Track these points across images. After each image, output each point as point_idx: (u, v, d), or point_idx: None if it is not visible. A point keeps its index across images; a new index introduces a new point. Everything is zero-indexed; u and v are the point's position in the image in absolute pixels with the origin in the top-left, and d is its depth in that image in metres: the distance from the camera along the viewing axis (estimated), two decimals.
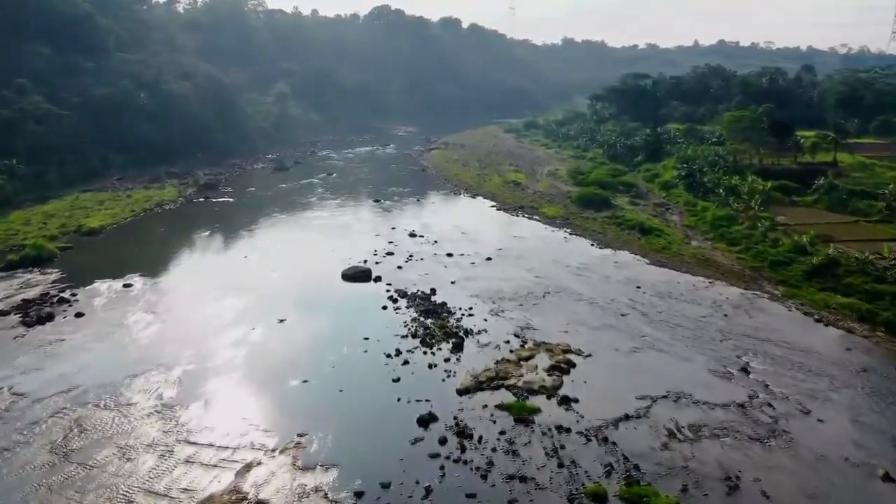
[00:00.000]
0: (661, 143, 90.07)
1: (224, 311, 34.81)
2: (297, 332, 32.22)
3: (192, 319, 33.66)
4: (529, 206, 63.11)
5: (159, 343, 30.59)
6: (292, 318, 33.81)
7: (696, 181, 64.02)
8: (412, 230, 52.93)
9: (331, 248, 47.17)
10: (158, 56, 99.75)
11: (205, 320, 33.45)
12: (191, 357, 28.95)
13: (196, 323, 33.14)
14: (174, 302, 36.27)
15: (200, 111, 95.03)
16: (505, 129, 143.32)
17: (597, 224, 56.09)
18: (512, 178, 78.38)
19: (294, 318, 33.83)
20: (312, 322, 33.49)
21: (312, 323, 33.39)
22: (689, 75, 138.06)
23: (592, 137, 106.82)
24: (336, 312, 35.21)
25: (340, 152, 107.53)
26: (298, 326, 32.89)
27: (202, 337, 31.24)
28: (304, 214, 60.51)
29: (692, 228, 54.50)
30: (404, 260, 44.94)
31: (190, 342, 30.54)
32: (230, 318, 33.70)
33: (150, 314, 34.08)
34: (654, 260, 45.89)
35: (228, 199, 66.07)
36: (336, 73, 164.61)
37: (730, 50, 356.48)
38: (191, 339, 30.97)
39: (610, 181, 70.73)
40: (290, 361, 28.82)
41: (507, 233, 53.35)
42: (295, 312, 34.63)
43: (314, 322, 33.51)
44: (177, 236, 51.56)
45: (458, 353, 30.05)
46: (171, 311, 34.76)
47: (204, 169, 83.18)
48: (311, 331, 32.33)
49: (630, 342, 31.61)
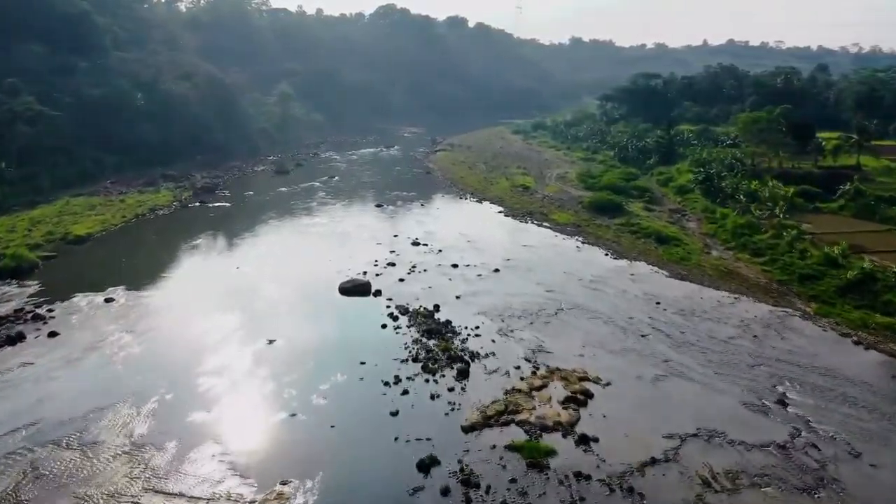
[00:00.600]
0: (675, 146, 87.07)
1: (210, 330, 32.10)
2: (288, 355, 29.48)
3: (174, 341, 30.96)
4: (539, 212, 60.23)
5: (136, 369, 27.89)
6: (283, 339, 31.07)
7: (714, 186, 60.96)
8: (415, 238, 50.15)
9: (329, 258, 44.44)
10: (158, 55, 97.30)
11: (188, 342, 30.73)
12: (169, 385, 26.24)
13: (178, 345, 30.44)
14: (157, 320, 33.58)
15: (200, 112, 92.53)
16: (512, 130, 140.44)
17: (610, 232, 53.16)
18: (520, 181, 75.53)
19: (285, 339, 31.08)
20: (305, 343, 30.72)
21: (305, 344, 30.62)
22: (702, 75, 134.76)
23: (602, 139, 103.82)
24: (331, 332, 32.45)
25: (343, 154, 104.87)
26: (289, 349, 30.14)
27: (183, 361, 28.52)
28: (302, 220, 57.80)
29: (711, 237, 51.52)
30: (406, 271, 42.16)
31: (169, 368, 27.84)
32: (216, 339, 30.98)
33: (130, 334, 31.39)
34: (673, 272, 42.95)
35: (225, 204, 63.43)
36: (340, 73, 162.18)
37: (739, 49, 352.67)
38: (170, 364, 28.28)
39: (622, 185, 67.79)
40: (278, 391, 26.09)
41: (515, 241, 50.51)
42: (286, 332, 31.89)
43: (307, 343, 30.74)
44: (167, 245, 48.90)
45: (463, 380, 27.26)
46: (153, 330, 32.07)
47: (202, 171, 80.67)
48: (302, 354, 29.57)
49: (653, 368, 28.73)
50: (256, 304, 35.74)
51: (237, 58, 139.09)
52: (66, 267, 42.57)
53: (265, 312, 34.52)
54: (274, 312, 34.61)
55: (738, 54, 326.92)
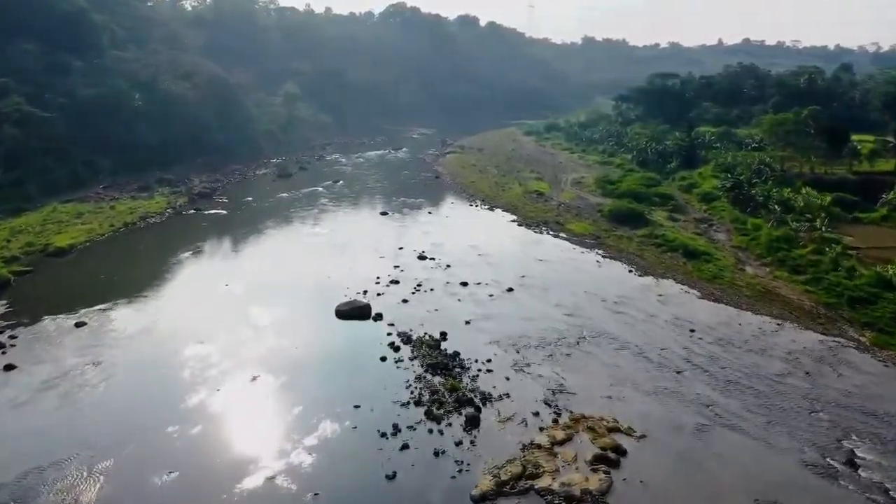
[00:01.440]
0: (696, 148, 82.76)
1: (187, 362, 28.41)
2: (271, 396, 25.74)
3: (145, 377, 27.26)
4: (554, 222, 56.21)
5: (95, 413, 24.24)
6: (268, 375, 27.33)
7: (744, 194, 56.63)
8: (422, 251, 46.29)
9: (327, 275, 40.70)
10: (158, 54, 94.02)
11: (160, 378, 27.05)
12: (130, 436, 22.54)
13: (148, 382, 26.74)
14: (129, 349, 29.92)
15: (201, 112, 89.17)
16: (524, 131, 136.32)
17: (633, 244, 49.08)
18: (533, 187, 71.52)
19: (270, 375, 27.34)
20: (292, 381, 26.96)
21: (292, 382, 26.86)
22: (721, 75, 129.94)
23: (619, 141, 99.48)
24: (323, 366, 28.66)
25: (349, 156, 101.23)
26: (274, 388, 26.40)
27: (151, 405, 24.84)
28: (302, 230, 54.09)
29: (744, 250, 47.31)
30: (411, 290, 38.32)
31: (134, 413, 24.16)
32: (192, 375, 27.29)
33: (95, 367, 27.73)
34: (705, 292, 38.85)
35: (221, 212, 59.88)
36: (348, 73, 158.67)
37: (755, 49, 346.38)
38: (136, 407, 24.60)
39: (644, 192, 63.55)
40: (255, 445, 22.30)
41: (530, 255, 46.57)
42: (273, 365, 28.16)
43: (294, 381, 26.98)
44: (153, 259, 45.31)
45: (473, 430, 23.39)
46: (122, 363, 28.39)
47: (202, 175, 77.29)
48: (288, 394, 25.81)
49: (693, 415, 24.74)
50: (242, 330, 32.01)
51: (243, 57, 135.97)
52: (40, 284, 39.09)
53: (251, 341, 30.80)
54: (261, 341, 30.89)
55: (753, 54, 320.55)
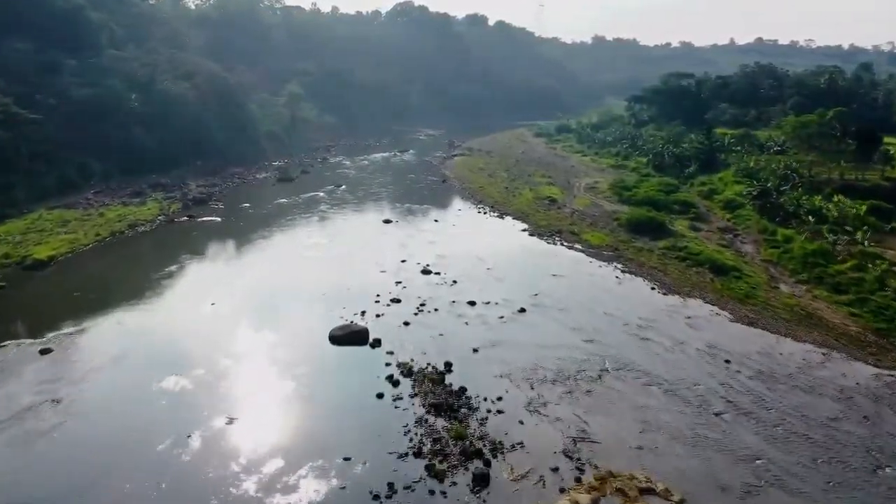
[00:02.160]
0: (715, 152, 79.00)
1: (157, 401, 25.12)
2: (249, 444, 22.36)
3: (106, 419, 23.92)
4: (568, 231, 52.68)
5: (44, 464, 20.97)
6: (247, 416, 24.02)
7: (773, 202, 52.88)
8: (426, 265, 42.88)
9: (322, 292, 37.39)
10: (157, 53, 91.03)
11: (123, 421, 23.72)
12: (77, 497, 19.26)
13: (109, 426, 23.42)
14: (95, 384, 26.63)
15: (201, 114, 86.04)
16: (534, 132, 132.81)
17: (654, 257, 45.49)
18: (545, 192, 67.95)
19: (250, 416, 24.02)
20: (275, 424, 23.62)
21: (274, 426, 23.52)
22: (737, 75, 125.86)
23: (633, 144, 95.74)
24: (312, 405, 25.29)
25: (354, 159, 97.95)
26: (253, 433, 23.03)
27: (107, 455, 21.51)
28: (299, 240, 50.74)
29: (775, 265, 43.67)
30: (413, 311, 34.94)
31: (86, 466, 20.89)
32: (161, 417, 23.96)
33: (53, 406, 24.46)
34: (738, 314, 35.25)
35: (216, 219, 56.65)
36: (355, 73, 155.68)
37: (768, 48, 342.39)
38: (89, 459, 21.31)
39: (662, 199, 59.90)
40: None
41: (543, 269, 43.07)
42: (254, 405, 24.86)
43: (277, 424, 23.64)
44: (137, 273, 42.07)
45: (481, 491, 19.99)
46: (84, 401, 25.11)
47: (199, 179, 74.27)
48: (268, 442, 22.44)
49: (738, 470, 21.22)
50: (224, 360, 28.66)
51: (247, 57, 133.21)
52: (11, 301, 35.94)
53: (232, 374, 27.48)
54: (244, 373, 27.59)
55: (766, 53, 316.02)
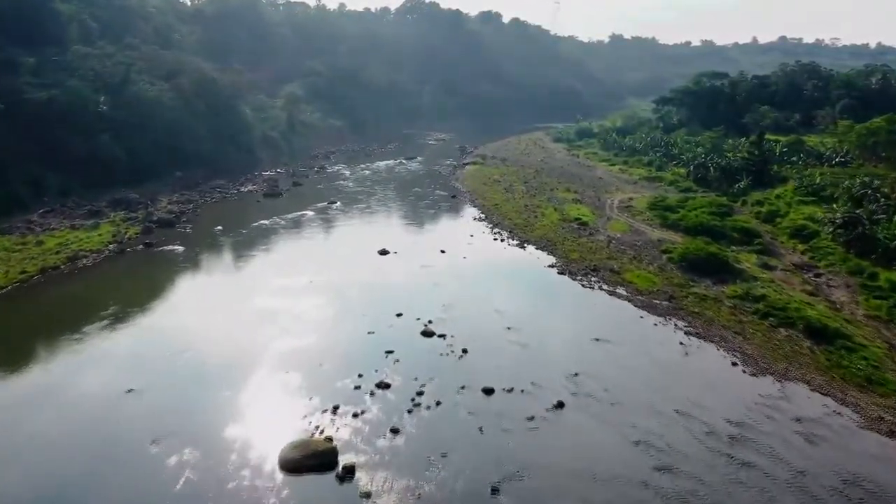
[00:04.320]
0: (767, 162, 68.48)
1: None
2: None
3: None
4: (607, 268, 42.31)
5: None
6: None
7: (864, 234, 42.25)
8: (427, 322, 32.77)
9: (285, 369, 27.46)
10: (134, 50, 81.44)
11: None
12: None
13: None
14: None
15: (183, 118, 76.42)
16: (553, 137, 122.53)
17: (724, 311, 35.03)
18: (573, 212, 57.58)
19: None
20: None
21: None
22: (776, 74, 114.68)
23: (668, 152, 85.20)
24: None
25: (355, 168, 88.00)
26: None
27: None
28: (267, 282, 40.03)
29: (885, 323, 33.23)
30: (407, 406, 24.81)
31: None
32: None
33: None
34: (868, 415, 24.81)
35: (176, 248, 46.81)
36: (363, 73, 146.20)
37: (792, 47, 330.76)
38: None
39: (718, 226, 49.37)
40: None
41: (581, 327, 32.89)
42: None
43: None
44: (51, 329, 32.18)
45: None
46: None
47: (174, 194, 64.65)
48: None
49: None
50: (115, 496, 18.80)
51: (248, 56, 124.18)
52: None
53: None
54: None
55: (791, 52, 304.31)
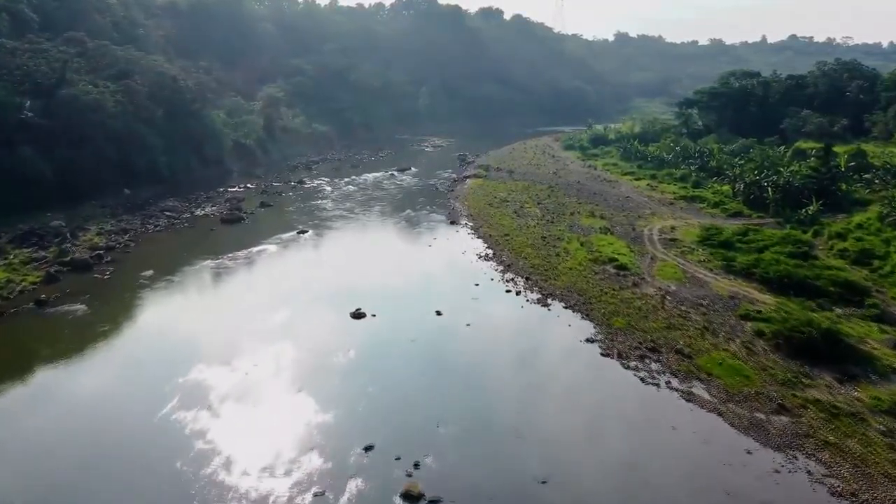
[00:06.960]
0: (835, 180, 56.30)
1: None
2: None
3: None
4: (670, 347, 29.78)
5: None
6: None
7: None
8: (413, 466, 20.44)
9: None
10: (77, 45, 69.09)
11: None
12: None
13: None
14: None
15: (134, 126, 64.32)
16: (563, 143, 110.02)
17: (880, 447, 22.48)
18: (605, 248, 45.02)
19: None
20: None
21: None
22: (814, 74, 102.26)
23: (704, 165, 72.90)
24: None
25: (338, 182, 75.66)
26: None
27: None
28: (173, 385, 27.33)
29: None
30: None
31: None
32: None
33: None
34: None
35: (78, 308, 34.37)
36: (355, 73, 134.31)
37: (803, 46, 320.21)
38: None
39: (808, 276, 36.80)
40: None
41: (652, 476, 20.53)
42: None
43: None
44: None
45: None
46: None
47: (110, 220, 52.59)
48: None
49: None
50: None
51: (227, 54, 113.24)
52: None
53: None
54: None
55: (802, 51, 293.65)
